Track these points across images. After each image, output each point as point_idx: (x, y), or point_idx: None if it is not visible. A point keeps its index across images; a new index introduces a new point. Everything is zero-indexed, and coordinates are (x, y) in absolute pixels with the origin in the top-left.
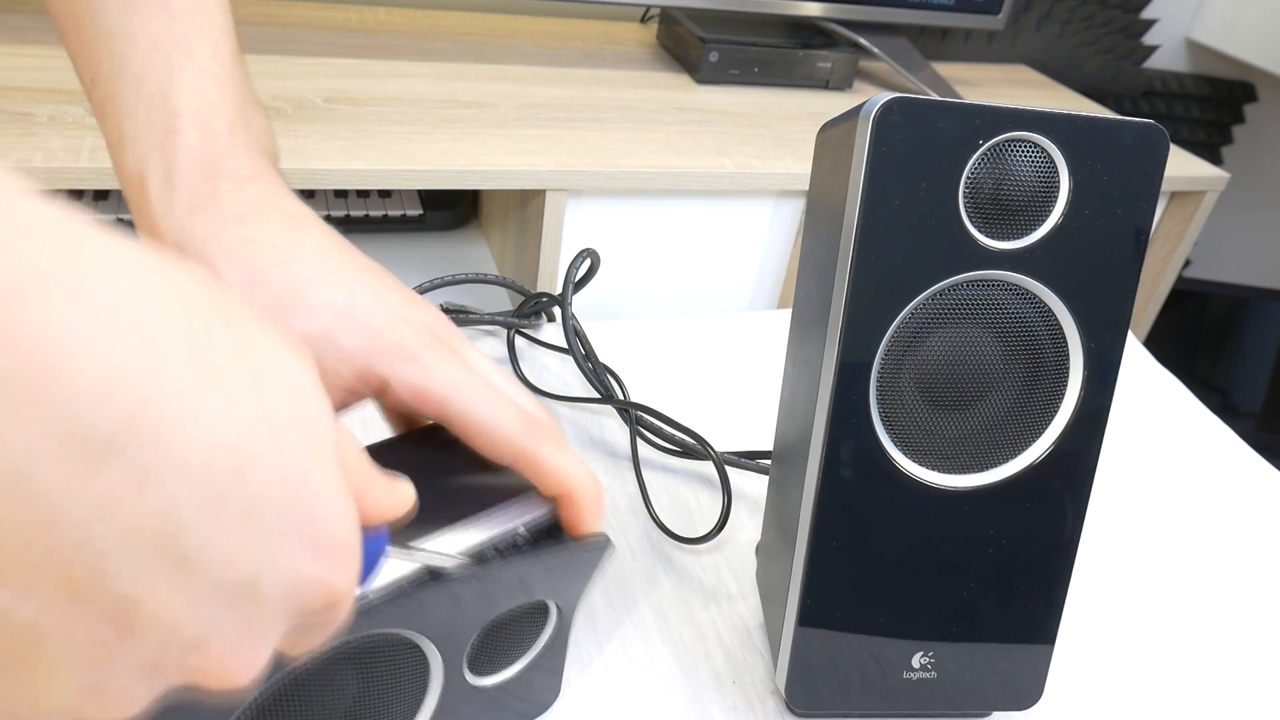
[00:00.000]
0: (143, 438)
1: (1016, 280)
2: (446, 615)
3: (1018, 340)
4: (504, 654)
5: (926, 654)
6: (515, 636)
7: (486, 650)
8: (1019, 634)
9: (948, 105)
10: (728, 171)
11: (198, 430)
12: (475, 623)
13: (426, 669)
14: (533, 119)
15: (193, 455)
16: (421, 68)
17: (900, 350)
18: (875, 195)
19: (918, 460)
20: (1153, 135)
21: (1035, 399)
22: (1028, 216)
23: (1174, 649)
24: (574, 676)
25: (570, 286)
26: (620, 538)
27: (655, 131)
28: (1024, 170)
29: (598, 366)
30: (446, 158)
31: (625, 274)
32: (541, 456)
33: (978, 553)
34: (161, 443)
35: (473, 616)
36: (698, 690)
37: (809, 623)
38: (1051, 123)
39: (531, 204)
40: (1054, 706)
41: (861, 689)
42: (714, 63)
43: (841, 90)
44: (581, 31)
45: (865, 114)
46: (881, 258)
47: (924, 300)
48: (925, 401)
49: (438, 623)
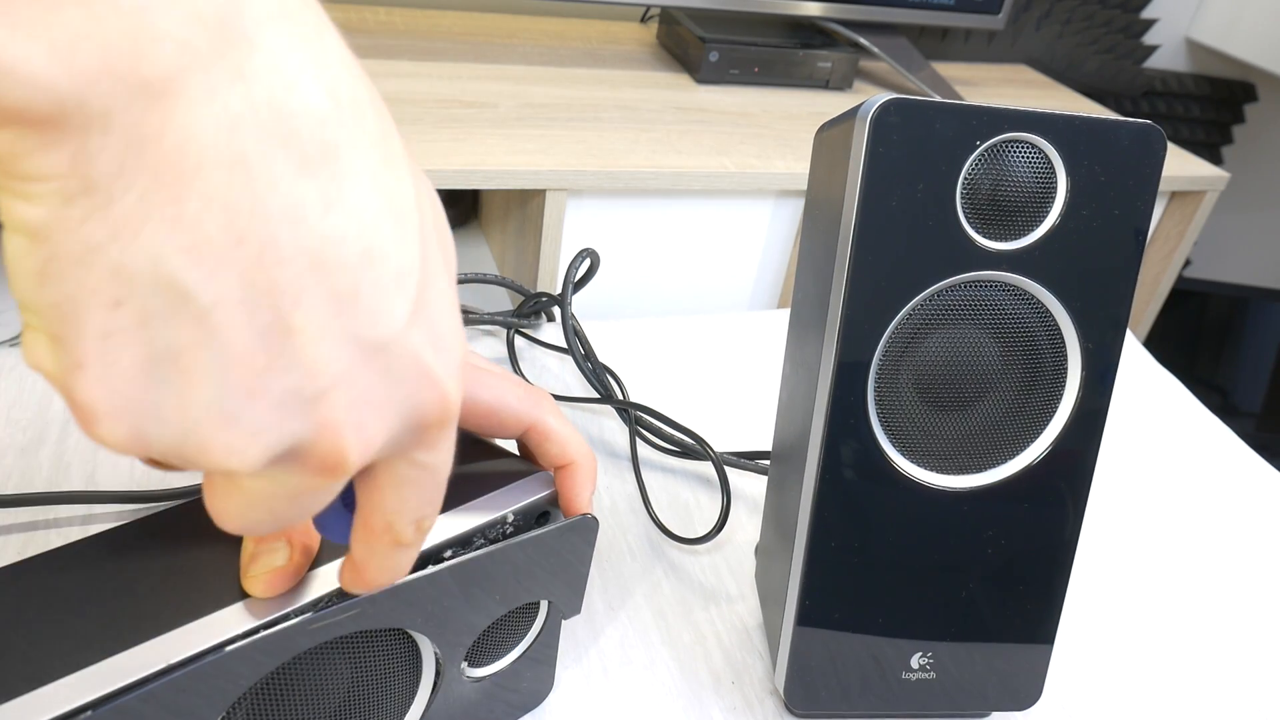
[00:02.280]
0: (334, 169)
1: (1014, 281)
2: (434, 603)
3: (1016, 341)
4: (496, 645)
5: (925, 654)
6: (507, 627)
7: (479, 641)
8: (1018, 634)
9: (945, 106)
10: (727, 171)
11: (374, 187)
12: (473, 614)
13: (419, 660)
14: (533, 119)
15: (368, 205)
16: (421, 68)
17: (898, 351)
18: (873, 196)
19: (916, 461)
20: (1150, 136)
21: (1033, 399)
22: (1025, 217)
23: (1174, 649)
24: (573, 676)
25: (570, 286)
26: (620, 538)
27: (655, 131)
28: (1021, 171)
29: (597, 366)
30: (446, 157)
31: (625, 274)
32: (549, 424)
33: (976, 553)
34: (346, 181)
35: (467, 607)
36: (697, 690)
37: (808, 623)
38: (1049, 123)
39: (531, 204)
40: (1053, 706)
41: (860, 689)
42: (714, 63)
43: (841, 90)
44: (581, 31)
45: (863, 114)
46: (879, 258)
47: (922, 301)
48: (923, 402)
49: (427, 612)
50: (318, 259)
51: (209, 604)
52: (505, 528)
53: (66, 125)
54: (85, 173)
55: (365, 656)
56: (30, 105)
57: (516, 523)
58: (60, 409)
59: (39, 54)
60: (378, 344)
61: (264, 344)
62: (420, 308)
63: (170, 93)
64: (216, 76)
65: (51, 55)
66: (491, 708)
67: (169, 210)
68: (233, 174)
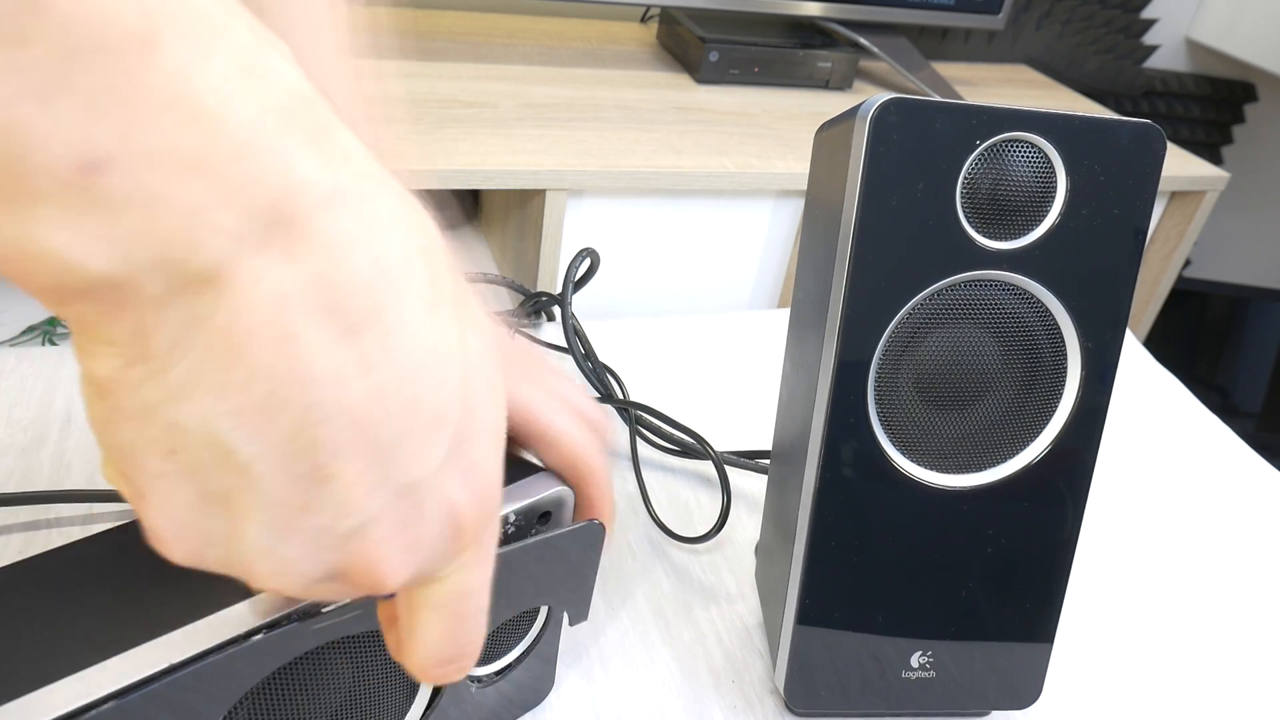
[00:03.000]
0: (378, 330)
1: (1014, 280)
2: None
3: (1015, 340)
4: (497, 644)
5: (925, 653)
6: (509, 627)
7: None
8: (1018, 633)
9: (945, 105)
10: (728, 171)
11: (418, 339)
12: None
13: None
14: (533, 119)
15: (410, 358)
16: (421, 68)
17: (898, 350)
18: (873, 195)
19: (916, 460)
20: (1150, 135)
21: (1033, 399)
22: (1025, 216)
23: (1173, 648)
24: (573, 676)
25: (570, 286)
26: (620, 536)
27: (655, 131)
28: (1021, 170)
29: (597, 366)
30: (446, 157)
31: (625, 274)
32: (600, 474)
33: (976, 552)
34: (389, 340)
35: None
36: (697, 690)
37: (808, 622)
38: (1048, 123)
39: (531, 204)
40: (1053, 706)
41: (860, 688)
42: (714, 63)
43: (841, 90)
44: (581, 31)
45: (863, 114)
46: (879, 258)
47: (922, 300)
48: (923, 401)
49: None
50: (357, 417)
51: (213, 603)
52: (506, 527)
53: (125, 304)
54: (144, 343)
55: (367, 656)
56: (93, 289)
57: (518, 522)
58: (61, 409)
59: (101, 254)
60: (411, 484)
61: (301, 490)
62: (457, 441)
63: (221, 279)
64: (266, 261)
65: (112, 252)
66: (492, 707)
67: (218, 378)
68: (279, 348)
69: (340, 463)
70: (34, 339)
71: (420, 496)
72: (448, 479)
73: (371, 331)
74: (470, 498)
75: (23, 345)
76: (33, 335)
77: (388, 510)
